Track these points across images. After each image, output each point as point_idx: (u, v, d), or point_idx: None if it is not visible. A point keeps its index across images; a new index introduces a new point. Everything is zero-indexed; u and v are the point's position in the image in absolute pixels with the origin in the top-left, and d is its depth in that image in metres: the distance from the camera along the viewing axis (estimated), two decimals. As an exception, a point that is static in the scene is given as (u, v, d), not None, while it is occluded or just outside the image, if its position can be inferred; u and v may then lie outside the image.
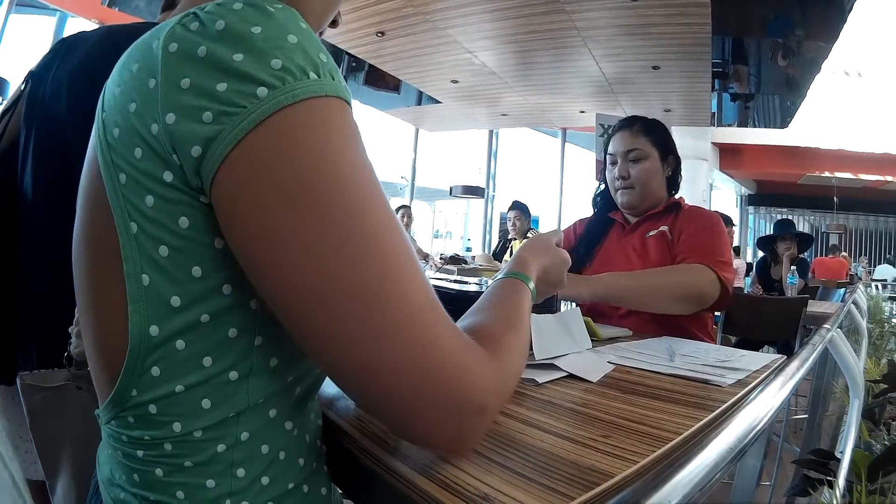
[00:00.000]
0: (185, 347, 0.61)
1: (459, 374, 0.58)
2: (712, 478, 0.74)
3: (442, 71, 9.43)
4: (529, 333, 0.85)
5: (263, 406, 0.67)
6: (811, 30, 7.34)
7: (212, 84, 0.54)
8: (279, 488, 0.69)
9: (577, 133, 13.48)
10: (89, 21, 7.95)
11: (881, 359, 3.09)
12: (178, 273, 0.59)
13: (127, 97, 0.59)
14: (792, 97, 9.75)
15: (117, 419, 0.66)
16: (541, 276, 1.03)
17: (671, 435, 0.83)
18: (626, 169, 2.18)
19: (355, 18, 7.34)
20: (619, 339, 1.69)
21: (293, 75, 0.55)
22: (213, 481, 0.64)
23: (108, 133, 0.60)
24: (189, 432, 0.63)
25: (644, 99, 9.97)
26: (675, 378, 1.19)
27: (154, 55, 0.57)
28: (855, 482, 1.46)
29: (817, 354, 1.63)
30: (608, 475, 0.68)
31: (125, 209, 0.59)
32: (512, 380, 0.71)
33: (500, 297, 0.86)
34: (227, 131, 0.53)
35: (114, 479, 0.71)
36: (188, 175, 0.56)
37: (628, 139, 2.20)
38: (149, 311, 0.60)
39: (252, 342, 0.64)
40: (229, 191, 0.55)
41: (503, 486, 0.64)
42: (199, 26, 0.56)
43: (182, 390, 0.62)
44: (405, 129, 13.74)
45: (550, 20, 7.16)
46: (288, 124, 0.54)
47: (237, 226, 0.56)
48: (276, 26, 0.56)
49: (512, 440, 0.79)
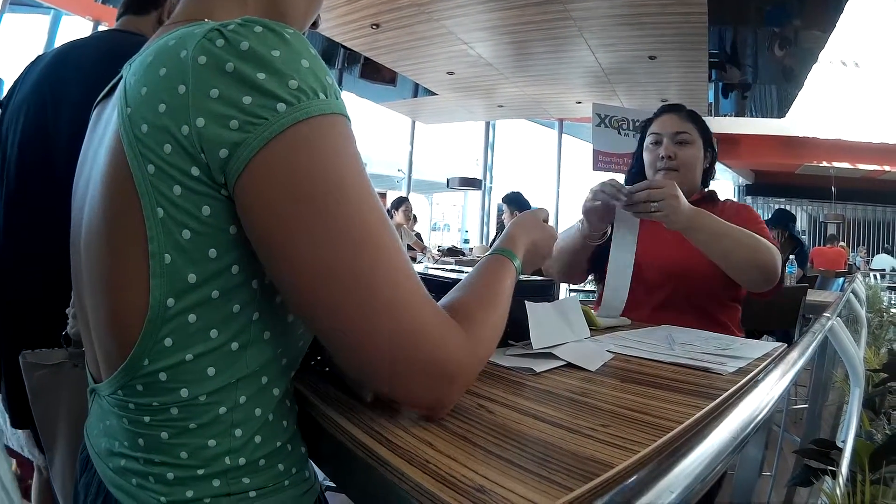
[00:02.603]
0: (196, 320, 0.71)
1: (433, 347, 0.69)
2: (713, 469, 0.73)
3: (437, 62, 9.43)
4: (507, 308, 0.92)
5: (258, 373, 0.77)
6: (808, 19, 7.35)
7: (238, 97, 0.64)
8: (269, 446, 0.79)
9: (573, 124, 13.49)
10: (84, 19, 7.93)
11: (880, 348, 3.09)
12: (196, 254, 0.69)
13: (155, 98, 0.67)
14: (789, 87, 9.77)
15: (125, 388, 0.75)
16: (529, 250, 1.12)
17: (672, 424, 0.82)
18: (673, 150, 2.12)
19: (350, 11, 7.35)
20: (618, 328, 1.68)
21: (307, 95, 0.66)
22: (214, 441, 0.74)
23: (136, 127, 0.68)
24: (195, 397, 0.73)
25: (641, 89, 9.96)
26: (675, 366, 1.18)
27: (183, 64, 0.66)
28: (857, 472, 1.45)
29: (818, 343, 1.61)
30: (608, 465, 0.66)
31: (153, 196, 0.67)
32: (484, 351, 0.81)
33: (481, 275, 0.96)
34: (252, 139, 0.64)
35: (113, 450, 0.80)
36: (213, 172, 0.66)
37: (677, 121, 2.16)
38: (168, 287, 0.69)
39: (251, 317, 0.74)
40: (251, 190, 0.65)
41: (499, 478, 0.63)
42: (225, 44, 0.65)
43: (191, 359, 0.71)
44: (401, 121, 13.74)
45: (546, 10, 7.15)
46: (302, 136, 0.65)
47: (256, 219, 0.67)
48: (292, 52, 0.67)
49: (508, 430, 0.78)
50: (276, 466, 0.80)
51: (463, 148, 20.45)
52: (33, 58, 1.79)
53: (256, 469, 0.78)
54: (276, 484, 0.80)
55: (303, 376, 0.87)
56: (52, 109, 1.58)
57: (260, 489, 0.78)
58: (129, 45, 1.16)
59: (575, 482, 0.61)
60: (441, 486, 0.61)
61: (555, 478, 0.62)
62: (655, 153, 2.17)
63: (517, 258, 1.03)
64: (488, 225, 14.43)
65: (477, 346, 0.77)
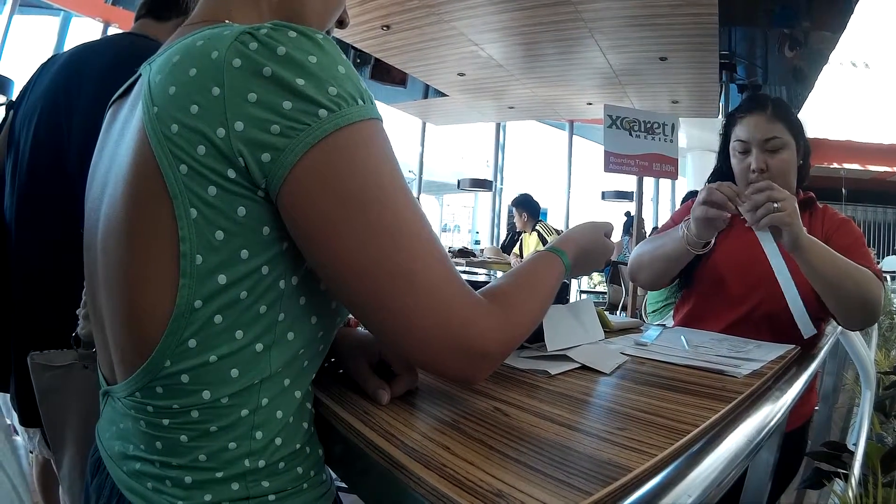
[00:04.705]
0: (222, 321, 0.71)
1: (464, 327, 0.72)
2: (729, 473, 0.73)
3: (448, 64, 9.40)
4: (547, 298, 0.93)
5: (280, 375, 0.78)
6: (818, 20, 7.30)
7: (278, 101, 0.65)
8: (289, 448, 0.80)
9: (584, 125, 13.45)
10: (94, 20, 7.93)
11: (891, 351, 3.09)
12: (228, 255, 0.70)
13: (186, 98, 0.68)
14: (799, 88, 9.71)
15: (143, 390, 0.75)
16: (579, 256, 1.09)
17: (688, 427, 0.81)
18: (765, 160, 1.84)
19: (361, 12, 7.32)
20: (632, 330, 1.67)
21: (346, 101, 0.68)
22: (234, 443, 0.75)
23: (165, 127, 0.68)
24: (217, 399, 0.73)
25: (651, 91, 9.91)
26: (689, 369, 1.18)
27: (216, 65, 0.67)
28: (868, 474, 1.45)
29: (830, 345, 1.61)
30: (626, 469, 0.66)
31: (186, 196, 0.68)
32: (517, 332, 0.83)
33: (526, 266, 0.97)
34: (295, 144, 0.66)
35: (127, 452, 0.80)
36: (253, 175, 0.67)
37: (764, 125, 1.86)
38: (197, 287, 0.70)
39: (276, 318, 0.75)
40: (298, 193, 0.67)
41: (518, 482, 0.62)
42: (259, 47, 0.67)
43: (215, 360, 0.72)
44: (412, 122, 13.74)
45: (556, 11, 7.12)
46: (344, 142, 0.68)
47: (302, 220, 0.69)
48: (328, 57, 0.69)
49: (526, 434, 0.78)
50: (296, 469, 0.81)
51: (473, 149, 20.42)
52: (46, 59, 1.80)
53: (276, 472, 0.78)
54: (295, 487, 0.80)
55: (316, 378, 0.86)
56: (66, 111, 1.58)
57: (279, 492, 0.78)
58: (146, 49, 1.16)
59: (594, 486, 0.61)
60: (459, 490, 0.61)
61: (573, 482, 0.62)
62: (745, 164, 1.90)
63: (567, 257, 1.03)
64: (499, 226, 14.39)
65: (509, 326, 0.80)
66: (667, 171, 7.21)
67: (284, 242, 0.73)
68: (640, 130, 7.20)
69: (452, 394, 0.97)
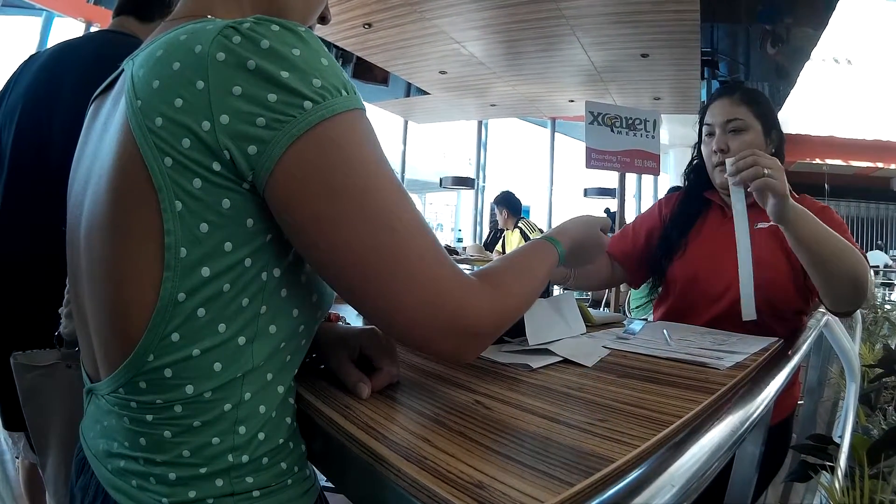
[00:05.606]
0: (206, 315, 0.71)
1: (455, 307, 0.74)
2: (712, 464, 0.72)
3: (430, 62, 9.41)
4: (539, 282, 0.96)
5: (263, 369, 0.78)
6: (800, 17, 7.37)
7: (263, 94, 0.66)
8: (272, 443, 0.80)
9: (566, 122, 13.48)
10: (76, 20, 7.89)
11: (875, 344, 3.10)
12: (212, 247, 0.70)
13: (170, 92, 0.68)
14: (781, 84, 9.79)
15: (127, 385, 0.75)
16: (573, 248, 1.14)
17: (670, 418, 0.82)
18: (725, 141, 1.86)
19: (342, 10, 7.31)
20: (614, 323, 1.67)
21: (330, 93, 0.69)
22: (217, 438, 0.75)
23: (149, 120, 0.68)
24: (200, 394, 0.73)
25: (633, 87, 9.95)
26: (671, 362, 1.18)
27: (200, 59, 0.67)
28: (855, 467, 1.45)
29: (813, 338, 1.61)
30: (608, 460, 0.66)
31: (171, 189, 0.68)
32: (507, 312, 0.84)
33: (519, 251, 1.02)
34: (281, 136, 0.66)
35: (111, 450, 0.80)
36: (239, 167, 0.68)
37: (727, 108, 1.88)
38: (181, 280, 0.70)
39: (258, 310, 0.76)
40: (285, 184, 0.68)
41: (499, 474, 0.62)
42: (243, 41, 0.67)
43: (198, 354, 0.72)
44: (394, 121, 13.72)
45: (538, 9, 7.13)
46: (330, 132, 0.69)
47: (293, 211, 0.70)
48: (311, 50, 0.70)
49: (507, 426, 0.78)
50: (279, 465, 0.81)
51: (456, 147, 20.44)
52: (27, 57, 1.79)
53: (260, 467, 0.78)
54: (279, 483, 0.80)
55: (298, 374, 0.85)
56: (48, 108, 1.58)
57: (263, 488, 0.78)
58: (126, 45, 1.15)
59: (575, 477, 0.61)
60: (439, 482, 0.61)
61: (555, 473, 0.62)
62: (709, 146, 1.92)
63: (561, 245, 1.06)
64: (481, 224, 14.38)
65: (500, 305, 0.81)
66: (649, 167, 7.26)
67: (268, 234, 0.73)
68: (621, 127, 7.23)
69: (433, 388, 0.97)
